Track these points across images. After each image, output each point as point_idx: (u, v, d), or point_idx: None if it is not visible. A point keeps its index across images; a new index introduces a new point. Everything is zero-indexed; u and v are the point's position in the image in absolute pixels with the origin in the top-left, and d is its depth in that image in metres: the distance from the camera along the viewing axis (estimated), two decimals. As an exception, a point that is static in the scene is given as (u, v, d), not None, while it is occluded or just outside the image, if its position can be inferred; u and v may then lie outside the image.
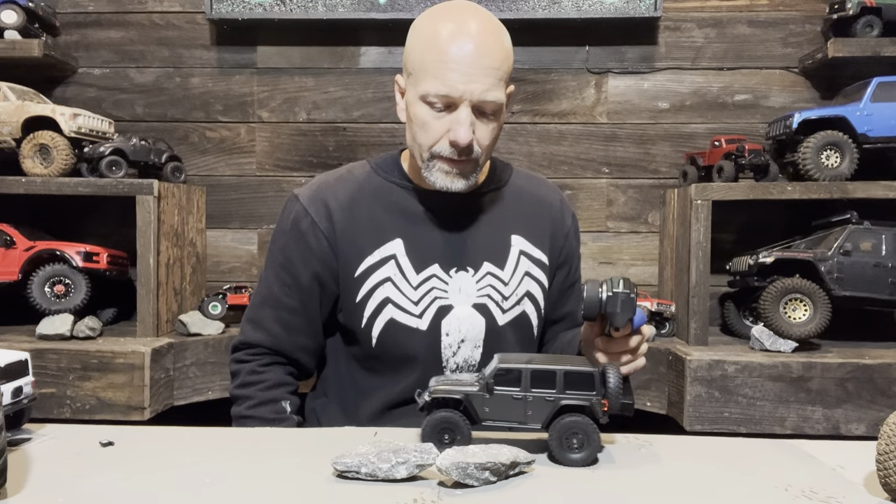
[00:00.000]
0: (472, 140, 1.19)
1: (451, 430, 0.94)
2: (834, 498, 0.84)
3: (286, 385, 1.34)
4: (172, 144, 2.28)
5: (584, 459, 0.92)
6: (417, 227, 1.31)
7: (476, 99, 1.18)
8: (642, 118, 2.33)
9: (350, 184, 1.35)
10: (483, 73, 1.17)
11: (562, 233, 1.42)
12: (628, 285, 1.07)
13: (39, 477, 0.87)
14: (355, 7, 2.22)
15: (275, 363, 1.34)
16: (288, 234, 1.33)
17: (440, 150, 1.21)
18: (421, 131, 1.22)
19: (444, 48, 1.17)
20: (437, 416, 0.94)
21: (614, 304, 1.06)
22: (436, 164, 1.23)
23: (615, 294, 1.06)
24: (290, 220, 1.33)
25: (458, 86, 1.17)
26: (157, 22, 2.36)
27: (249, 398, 1.31)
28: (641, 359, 1.16)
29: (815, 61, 2.17)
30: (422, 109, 1.21)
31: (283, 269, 1.33)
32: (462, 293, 1.30)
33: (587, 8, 2.20)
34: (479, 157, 1.24)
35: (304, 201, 1.33)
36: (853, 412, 1.76)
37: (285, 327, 1.33)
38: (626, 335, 1.12)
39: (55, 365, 1.81)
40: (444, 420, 0.94)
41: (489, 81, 1.18)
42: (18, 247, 1.94)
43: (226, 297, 2.10)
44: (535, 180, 1.46)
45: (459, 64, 1.16)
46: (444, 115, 1.20)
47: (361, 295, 1.29)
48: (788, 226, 2.13)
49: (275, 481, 0.86)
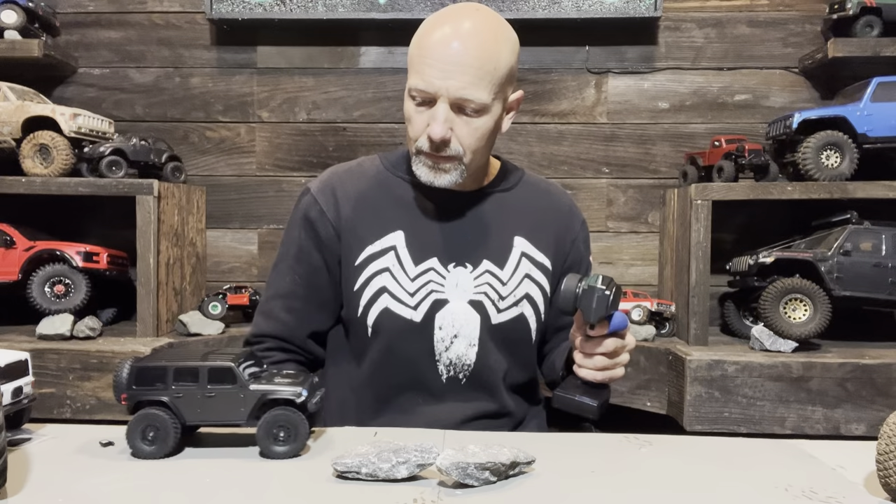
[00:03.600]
0: (446, 136, 1.19)
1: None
2: (834, 498, 0.84)
3: None
4: (172, 144, 2.28)
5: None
6: (420, 220, 1.32)
7: (452, 96, 1.18)
8: (642, 118, 2.33)
9: (359, 175, 1.37)
10: (460, 71, 1.17)
11: (569, 238, 1.41)
12: (606, 282, 1.06)
13: (39, 477, 0.87)
14: (355, 7, 2.22)
15: (286, 360, 1.35)
16: (300, 225, 1.35)
17: (421, 145, 1.23)
18: (408, 126, 1.25)
19: (427, 44, 1.19)
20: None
21: (589, 299, 1.05)
22: (420, 158, 1.25)
23: (590, 288, 1.05)
24: (302, 210, 1.36)
25: (434, 81, 1.17)
26: (157, 22, 2.36)
27: None
28: (619, 369, 1.15)
29: (815, 61, 2.17)
30: (408, 104, 1.24)
31: (295, 259, 1.35)
32: (458, 288, 1.30)
33: (587, 8, 2.20)
34: (461, 154, 1.23)
35: (314, 191, 1.35)
36: (853, 412, 1.76)
37: (296, 316, 1.34)
38: (603, 336, 1.11)
39: (55, 365, 1.81)
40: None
41: (466, 79, 1.17)
42: (18, 247, 1.94)
43: (226, 297, 2.10)
44: (545, 185, 1.46)
45: (437, 60, 1.17)
46: (425, 111, 1.21)
47: (359, 283, 1.30)
48: (788, 226, 2.13)
49: (275, 482, 0.86)
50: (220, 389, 0.93)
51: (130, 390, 0.94)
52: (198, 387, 0.93)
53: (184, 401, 0.93)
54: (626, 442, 1.05)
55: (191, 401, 0.93)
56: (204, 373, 0.93)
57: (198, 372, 0.93)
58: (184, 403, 0.93)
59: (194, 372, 0.93)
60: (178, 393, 0.93)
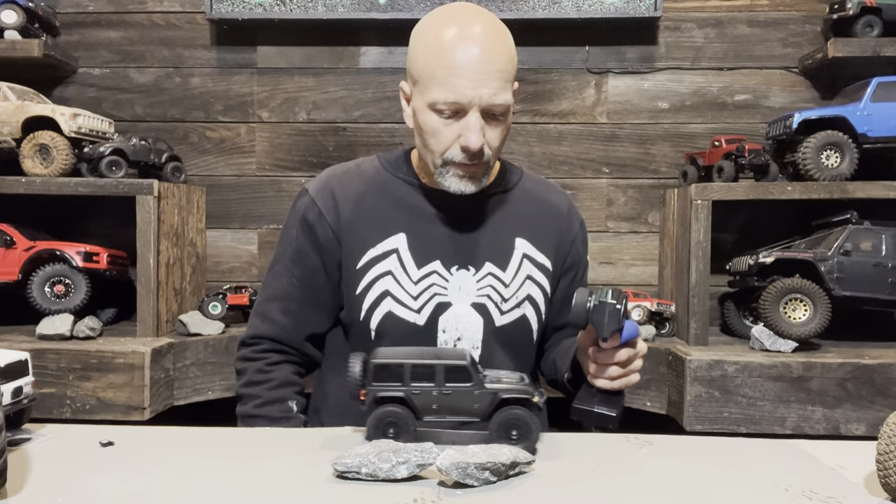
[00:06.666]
0: (483, 144, 1.20)
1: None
2: (834, 498, 0.84)
3: (293, 385, 1.35)
4: (172, 144, 2.28)
5: None
6: (422, 223, 1.31)
7: (485, 103, 1.18)
8: (642, 118, 2.33)
9: (358, 177, 1.36)
10: (490, 78, 1.17)
11: (568, 238, 1.41)
12: (616, 296, 1.07)
13: (39, 477, 0.87)
14: (355, 7, 2.22)
15: (282, 362, 1.35)
16: (297, 226, 1.34)
17: (452, 157, 1.22)
18: (432, 139, 1.22)
19: (450, 55, 1.17)
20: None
21: (601, 314, 1.06)
22: (449, 169, 1.24)
23: (602, 304, 1.06)
24: (299, 212, 1.35)
25: (466, 92, 1.16)
26: (157, 22, 2.36)
27: (256, 397, 1.32)
28: (634, 375, 1.15)
29: (815, 61, 2.17)
30: (431, 117, 1.21)
31: (292, 261, 1.34)
32: (462, 291, 1.30)
33: (587, 8, 2.20)
34: (489, 159, 1.24)
35: (312, 193, 1.35)
36: (853, 412, 1.76)
37: (293, 318, 1.34)
38: (616, 347, 1.11)
39: (55, 365, 1.81)
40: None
41: (497, 85, 1.18)
42: (18, 247, 1.94)
43: (226, 297, 2.10)
44: (544, 185, 1.46)
45: (466, 70, 1.16)
46: (454, 122, 1.20)
47: (362, 287, 1.29)
48: (788, 226, 2.13)
49: (275, 482, 0.86)
50: (456, 388, 0.95)
51: (371, 386, 0.95)
52: (435, 385, 0.94)
53: (420, 398, 0.95)
54: (626, 442, 1.05)
55: (427, 398, 0.94)
56: (440, 371, 0.94)
57: (434, 370, 0.94)
58: (420, 400, 0.95)
59: (430, 370, 0.94)
60: (415, 390, 0.94)
